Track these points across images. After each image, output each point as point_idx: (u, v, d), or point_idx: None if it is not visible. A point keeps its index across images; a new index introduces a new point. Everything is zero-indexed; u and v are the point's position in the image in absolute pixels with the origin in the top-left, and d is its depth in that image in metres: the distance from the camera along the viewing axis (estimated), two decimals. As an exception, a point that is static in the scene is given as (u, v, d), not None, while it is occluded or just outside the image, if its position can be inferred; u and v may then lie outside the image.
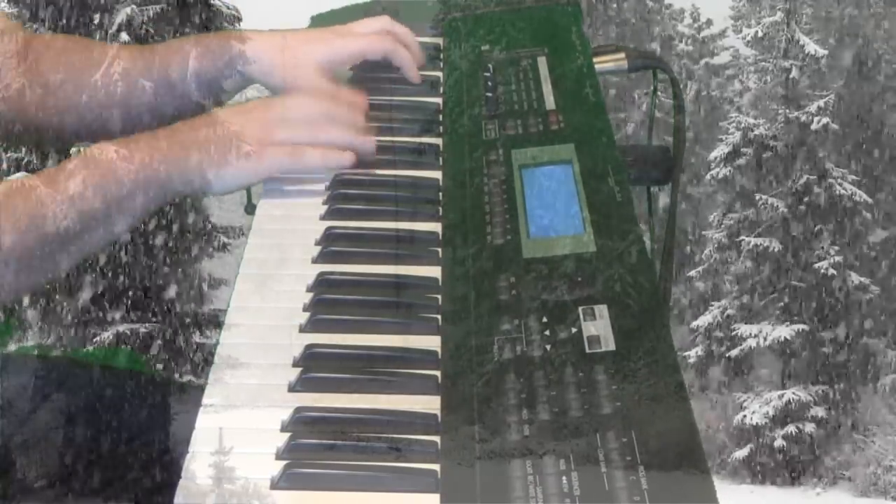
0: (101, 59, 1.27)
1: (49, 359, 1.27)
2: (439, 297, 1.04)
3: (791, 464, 18.59)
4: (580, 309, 0.97)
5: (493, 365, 0.93)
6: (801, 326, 18.81)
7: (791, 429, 18.41)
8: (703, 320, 19.98)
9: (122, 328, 12.78)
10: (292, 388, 0.94)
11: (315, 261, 1.10)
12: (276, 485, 0.85)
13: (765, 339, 18.85)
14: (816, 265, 19.03)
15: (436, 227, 1.14)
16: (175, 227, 12.67)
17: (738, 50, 24.01)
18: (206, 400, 0.93)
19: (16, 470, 1.13)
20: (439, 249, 1.11)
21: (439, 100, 1.35)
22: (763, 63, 20.49)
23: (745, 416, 18.76)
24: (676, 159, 1.41)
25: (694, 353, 19.94)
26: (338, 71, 1.36)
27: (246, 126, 1.16)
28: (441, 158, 1.25)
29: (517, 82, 1.33)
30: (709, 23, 25.47)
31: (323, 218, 1.16)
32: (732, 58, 24.90)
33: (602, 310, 0.96)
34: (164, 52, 1.31)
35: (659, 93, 1.53)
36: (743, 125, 19.80)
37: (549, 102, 1.28)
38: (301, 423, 0.90)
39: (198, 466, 0.86)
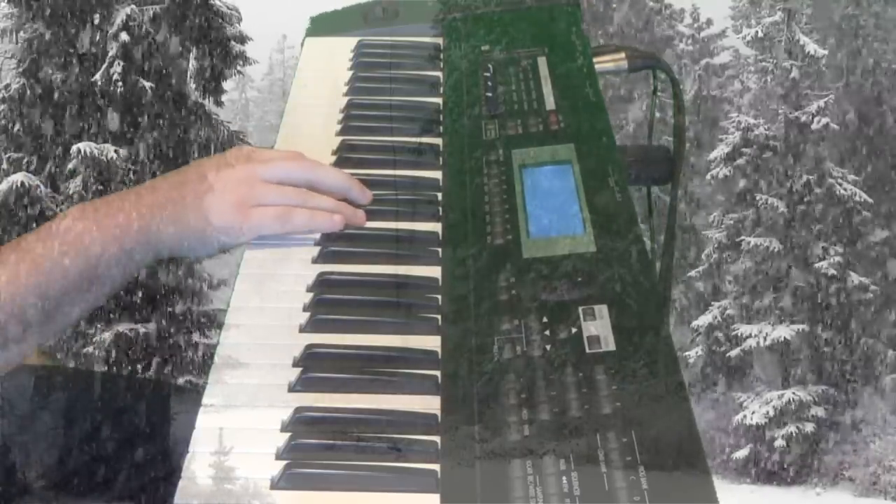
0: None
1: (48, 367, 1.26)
2: (439, 297, 1.04)
3: (791, 464, 18.59)
4: (580, 309, 0.97)
5: (493, 365, 0.93)
6: (801, 326, 18.82)
7: (791, 429, 18.41)
8: (703, 320, 19.99)
9: (121, 328, 12.77)
10: (292, 388, 0.94)
11: (315, 261, 1.10)
12: (276, 485, 0.85)
13: (765, 339, 18.85)
14: (816, 265, 19.04)
15: (436, 227, 1.14)
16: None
17: (738, 50, 24.04)
18: (206, 400, 0.93)
19: (16, 470, 1.13)
20: (439, 249, 1.10)
21: (439, 100, 1.35)
22: (763, 63, 20.50)
23: (745, 416, 18.77)
24: (676, 159, 1.40)
25: (694, 353, 19.94)
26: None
27: (230, 186, 1.08)
28: (441, 158, 1.25)
29: (517, 82, 1.33)
30: (709, 23, 25.48)
31: (323, 218, 1.16)
32: (732, 58, 24.92)
33: (602, 310, 0.96)
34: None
35: (659, 93, 1.53)
36: (743, 125, 19.81)
37: (549, 102, 1.28)
38: (301, 423, 0.90)
39: (198, 466, 0.86)
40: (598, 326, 0.95)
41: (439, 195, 1.19)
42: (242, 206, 1.08)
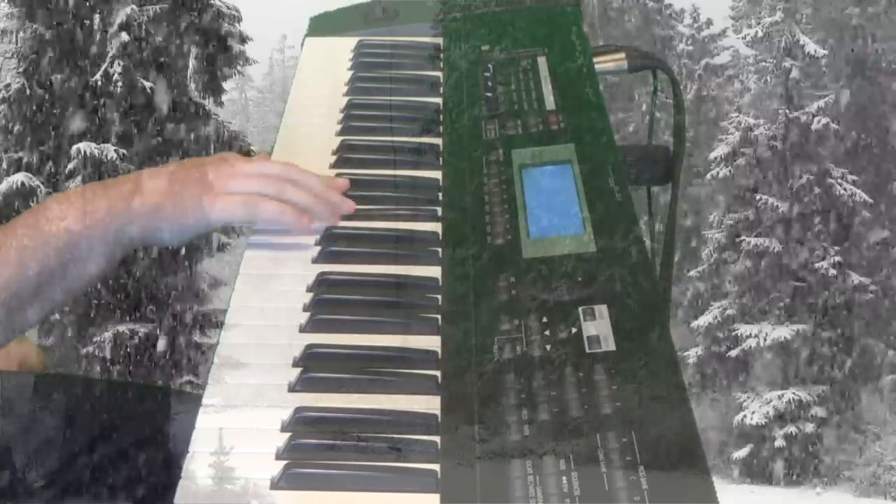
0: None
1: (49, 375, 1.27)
2: (439, 297, 1.04)
3: (791, 464, 18.59)
4: (580, 309, 0.97)
5: (493, 365, 0.93)
6: (801, 326, 18.81)
7: (791, 429, 18.41)
8: (703, 320, 19.99)
9: (121, 328, 12.77)
10: (292, 388, 0.94)
11: (315, 261, 1.10)
12: (276, 485, 0.85)
13: (765, 339, 18.85)
14: (816, 265, 19.03)
15: (436, 227, 1.14)
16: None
17: (738, 50, 24.06)
18: (206, 400, 0.93)
19: (16, 470, 1.13)
20: (439, 249, 1.10)
21: (439, 100, 1.35)
22: (763, 63, 20.50)
23: (745, 416, 18.77)
24: (676, 159, 1.41)
25: (694, 353, 19.94)
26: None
27: (205, 173, 1.10)
28: (441, 158, 1.25)
29: (517, 82, 1.33)
30: (709, 23, 25.49)
31: (323, 218, 1.16)
32: (732, 58, 24.93)
33: (602, 310, 0.96)
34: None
35: (659, 93, 1.53)
36: (743, 125, 19.81)
37: (549, 102, 1.28)
38: (301, 423, 0.90)
39: (198, 466, 0.86)
40: (598, 326, 0.95)
41: (439, 195, 1.19)
42: (211, 192, 1.09)
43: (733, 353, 19.35)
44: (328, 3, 1.66)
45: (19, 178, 12.92)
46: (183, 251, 13.01)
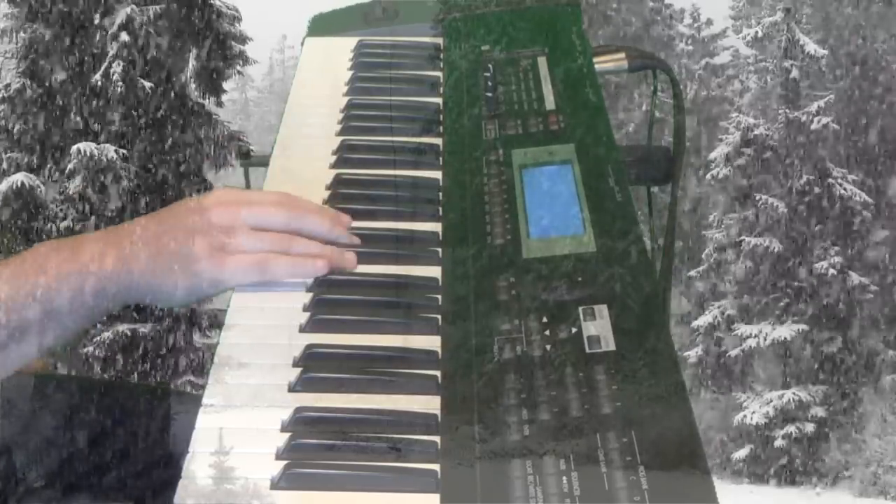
0: None
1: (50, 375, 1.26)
2: (439, 297, 1.04)
3: (791, 464, 18.59)
4: (580, 309, 0.97)
5: (493, 365, 0.93)
6: (801, 326, 18.82)
7: (791, 429, 18.42)
8: (703, 320, 20.00)
9: (121, 328, 12.77)
10: (292, 388, 0.94)
11: (315, 261, 1.10)
12: (276, 485, 0.85)
13: (765, 339, 18.86)
14: (816, 265, 19.04)
15: (436, 227, 1.14)
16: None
17: (738, 50, 24.09)
18: (206, 400, 0.93)
19: (16, 470, 1.13)
20: (439, 249, 1.10)
21: (439, 100, 1.35)
22: (763, 63, 20.51)
23: (745, 416, 18.78)
24: (676, 159, 1.41)
25: (694, 353, 19.95)
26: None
27: (210, 232, 1.03)
28: (441, 158, 1.25)
29: (517, 82, 1.33)
30: (709, 23, 25.52)
31: (323, 218, 1.16)
32: (732, 58, 24.96)
33: (602, 310, 0.96)
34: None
35: (659, 93, 1.53)
36: (743, 125, 19.81)
37: (549, 102, 1.28)
38: (301, 423, 0.90)
39: (198, 466, 0.86)
40: (598, 326, 0.95)
41: (439, 195, 1.19)
42: (220, 254, 1.03)
43: (733, 353, 19.36)
44: (328, 3, 1.66)
45: (19, 178, 12.92)
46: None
